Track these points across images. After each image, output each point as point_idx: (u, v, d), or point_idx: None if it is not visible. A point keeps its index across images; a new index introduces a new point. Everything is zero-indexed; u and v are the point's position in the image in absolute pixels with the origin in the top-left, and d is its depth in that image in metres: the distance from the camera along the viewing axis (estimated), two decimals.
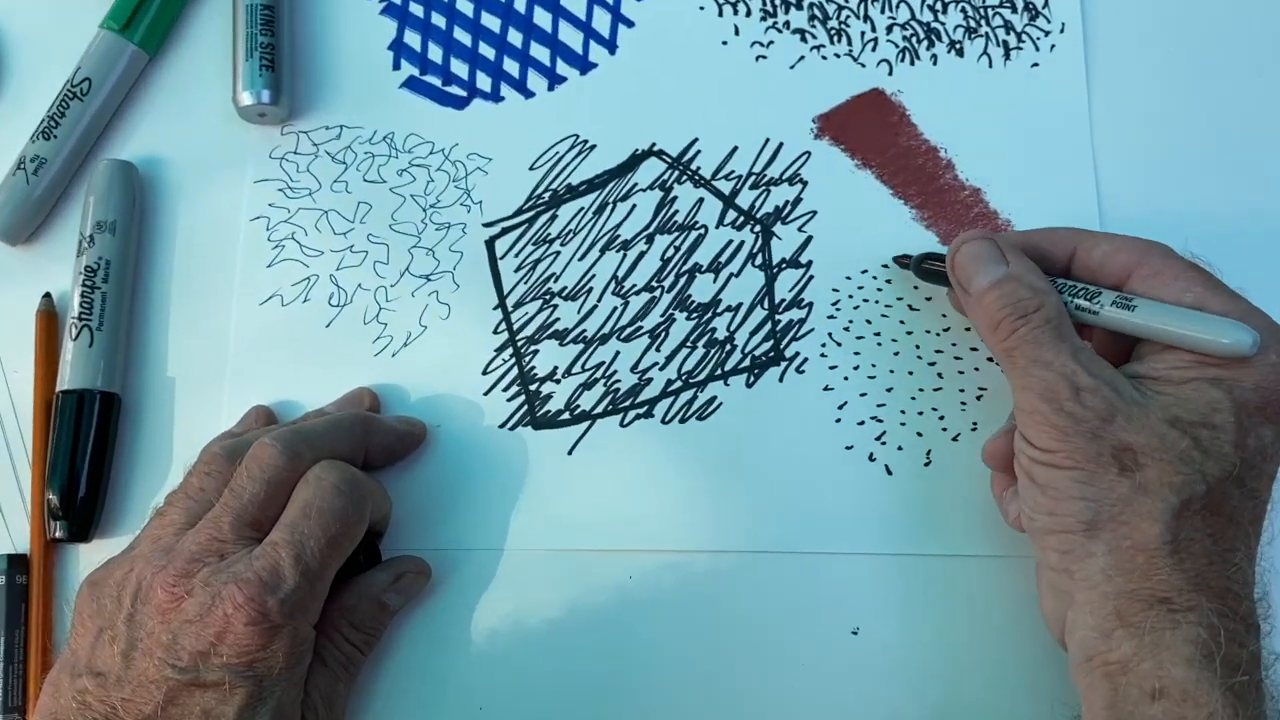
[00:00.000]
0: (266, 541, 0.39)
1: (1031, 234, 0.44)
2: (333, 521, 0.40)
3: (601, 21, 0.52)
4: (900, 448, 0.47)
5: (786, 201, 0.50)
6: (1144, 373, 0.40)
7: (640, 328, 0.48)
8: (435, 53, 0.52)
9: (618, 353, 0.48)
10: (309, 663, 0.40)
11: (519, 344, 0.48)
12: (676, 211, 0.50)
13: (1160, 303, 0.39)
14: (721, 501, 0.46)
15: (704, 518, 0.46)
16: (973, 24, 0.52)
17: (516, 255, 0.49)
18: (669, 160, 0.50)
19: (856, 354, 0.48)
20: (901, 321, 0.48)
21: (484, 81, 0.52)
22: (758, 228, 0.49)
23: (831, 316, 0.48)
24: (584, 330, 0.49)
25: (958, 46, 0.51)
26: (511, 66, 0.52)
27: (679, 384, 0.48)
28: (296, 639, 0.39)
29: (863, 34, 0.52)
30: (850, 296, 0.48)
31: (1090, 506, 0.38)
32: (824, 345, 0.48)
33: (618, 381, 0.48)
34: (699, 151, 0.50)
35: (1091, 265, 0.42)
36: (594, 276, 0.49)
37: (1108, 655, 0.37)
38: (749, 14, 0.52)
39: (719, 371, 0.48)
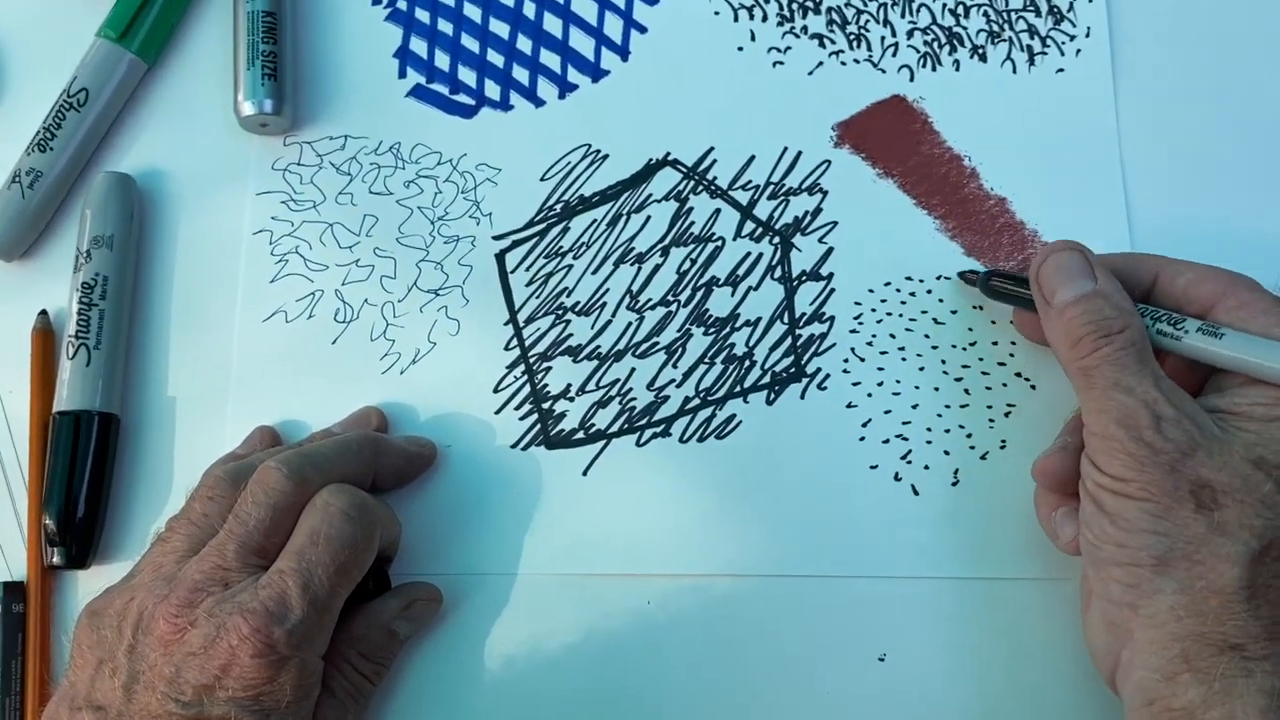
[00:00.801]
0: (273, 570, 0.38)
1: (1112, 257, 0.42)
2: (341, 549, 0.39)
3: (613, 27, 0.51)
4: (927, 467, 0.45)
5: (806, 212, 0.48)
6: (1224, 407, 0.38)
7: (656, 343, 0.47)
8: (442, 60, 0.51)
9: (633, 369, 0.47)
10: (317, 695, 0.39)
11: (531, 361, 0.47)
12: (692, 223, 0.48)
13: (1249, 334, 0.38)
14: (742, 523, 0.45)
15: (724, 540, 0.45)
16: (995, 28, 0.50)
17: (528, 269, 0.48)
18: (684, 170, 0.49)
19: (880, 369, 0.46)
20: (926, 336, 0.47)
21: (493, 89, 0.50)
22: (777, 239, 0.48)
23: (854, 331, 0.47)
24: (598, 346, 0.47)
25: (980, 51, 0.50)
26: (521, 74, 0.51)
27: (697, 402, 0.46)
28: (304, 671, 0.38)
29: (883, 39, 0.50)
30: (873, 310, 0.47)
31: (1162, 541, 0.36)
32: (846, 361, 0.46)
33: (633, 399, 0.46)
34: (715, 161, 0.49)
35: (1174, 293, 0.41)
36: (608, 291, 0.48)
37: (1171, 701, 0.35)
38: (765, 19, 0.51)
39: (738, 389, 0.46)
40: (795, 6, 0.51)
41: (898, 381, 0.46)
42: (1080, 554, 0.40)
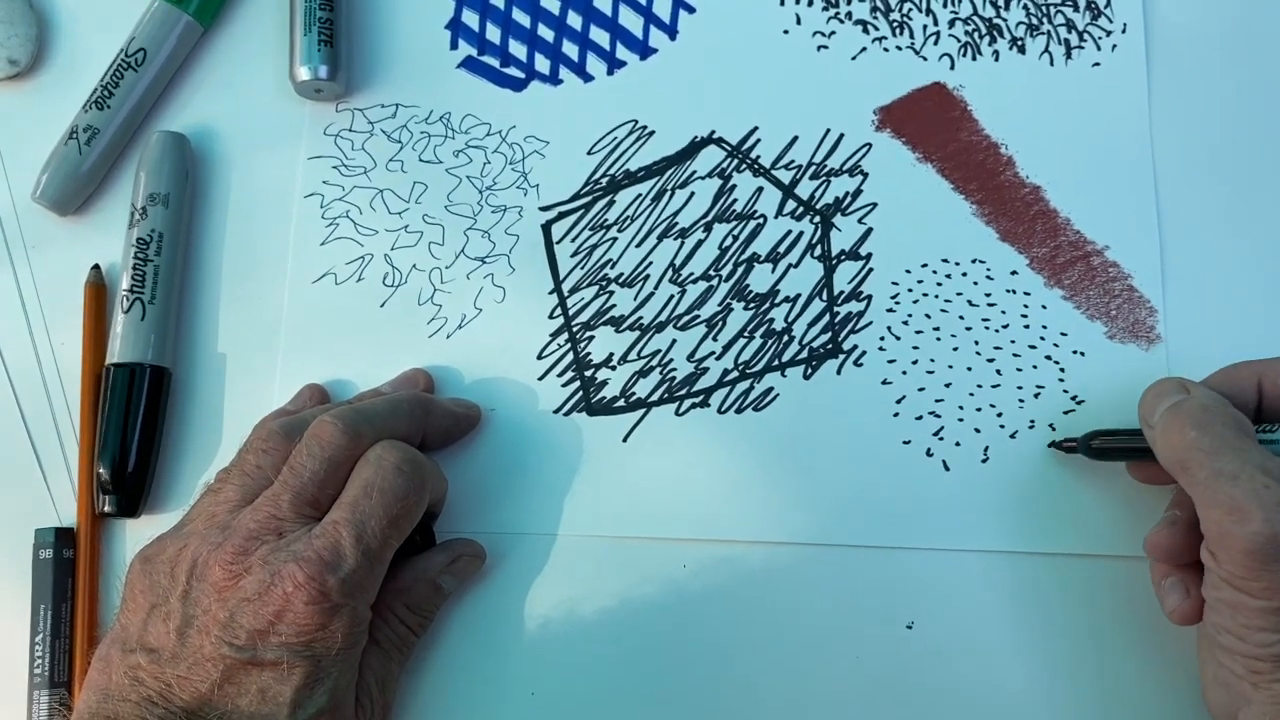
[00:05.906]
0: (327, 520, 0.39)
1: (1209, 379, 0.41)
2: (394, 501, 0.40)
3: (662, 6, 0.52)
4: (958, 444, 0.46)
5: (846, 193, 0.49)
6: None
7: (697, 316, 0.48)
8: (493, 33, 0.52)
9: (674, 341, 0.48)
10: (365, 643, 0.40)
11: (574, 329, 0.48)
12: (735, 200, 0.49)
13: None
14: (776, 493, 0.46)
15: (759, 509, 0.46)
16: (1034, 21, 0.51)
17: (573, 240, 0.49)
18: (728, 148, 0.50)
19: (915, 348, 0.48)
20: (960, 317, 0.48)
21: (542, 64, 0.51)
22: (817, 218, 0.49)
23: (890, 310, 0.48)
24: (640, 317, 0.48)
25: (1019, 43, 0.51)
26: (570, 49, 0.51)
27: (735, 374, 0.47)
28: (355, 619, 0.39)
29: (925, 27, 0.51)
30: (910, 290, 0.48)
31: None
32: (882, 339, 0.48)
33: (674, 370, 0.48)
34: (759, 140, 0.50)
35: None
36: (651, 264, 0.49)
37: None
38: (810, 4, 0.52)
39: (776, 363, 0.47)
40: None
41: (932, 360, 0.47)
42: (1184, 624, 0.40)
